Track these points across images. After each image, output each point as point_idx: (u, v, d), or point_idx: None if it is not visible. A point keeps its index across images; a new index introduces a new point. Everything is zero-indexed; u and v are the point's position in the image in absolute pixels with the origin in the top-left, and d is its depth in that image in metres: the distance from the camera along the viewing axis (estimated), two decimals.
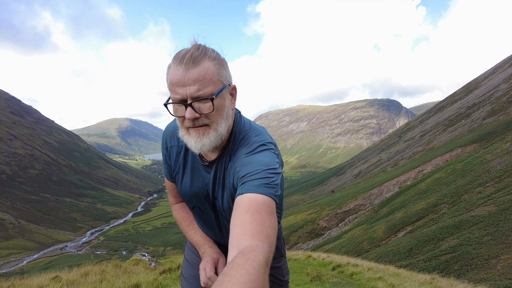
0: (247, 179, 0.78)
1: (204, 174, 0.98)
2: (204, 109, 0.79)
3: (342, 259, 7.45)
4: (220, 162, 0.94)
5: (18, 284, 2.88)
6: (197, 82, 0.76)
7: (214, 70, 0.79)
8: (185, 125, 0.83)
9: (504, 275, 6.98)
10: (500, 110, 29.15)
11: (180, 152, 1.02)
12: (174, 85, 0.78)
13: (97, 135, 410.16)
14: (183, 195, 1.05)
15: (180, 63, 0.77)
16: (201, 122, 0.81)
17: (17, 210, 73.55)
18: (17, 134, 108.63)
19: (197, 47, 0.80)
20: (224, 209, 0.96)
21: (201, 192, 1.00)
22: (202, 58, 0.78)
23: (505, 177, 13.84)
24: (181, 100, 0.78)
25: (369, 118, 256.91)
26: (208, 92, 0.77)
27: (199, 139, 0.82)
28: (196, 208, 1.05)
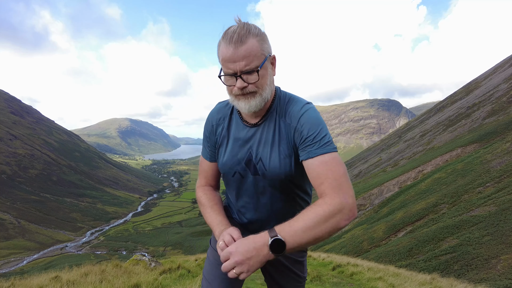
0: (314, 140, 0.96)
1: (248, 139, 1.09)
2: (251, 79, 0.95)
3: (342, 259, 7.45)
4: (267, 123, 1.07)
5: (18, 284, 2.88)
6: (245, 58, 0.92)
7: (258, 45, 0.94)
8: (234, 93, 0.99)
9: (504, 275, 6.98)
10: (500, 110, 29.15)
11: (224, 126, 1.15)
12: (225, 61, 0.94)
13: (97, 135, 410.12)
14: (225, 164, 1.12)
15: (230, 42, 0.92)
16: (248, 90, 0.97)
17: (17, 210, 73.56)
18: (17, 134, 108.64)
19: (242, 26, 0.94)
20: (269, 168, 1.04)
21: (242, 157, 1.09)
22: (247, 36, 0.92)
23: (505, 177, 13.84)
24: (232, 73, 0.94)
25: (369, 118, 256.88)
26: (254, 65, 0.93)
27: (247, 102, 0.98)
28: (236, 174, 1.11)
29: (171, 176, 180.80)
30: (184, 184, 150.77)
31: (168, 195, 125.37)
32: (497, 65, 54.04)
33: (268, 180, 1.06)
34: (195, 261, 5.14)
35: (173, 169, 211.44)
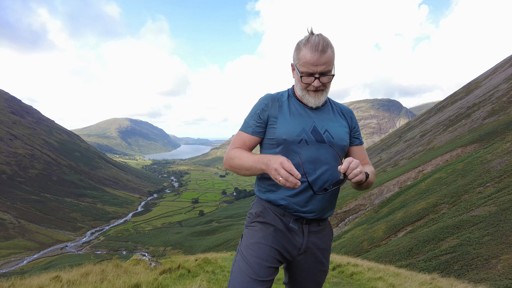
0: (359, 134, 1.44)
1: (311, 116, 1.31)
2: (325, 80, 1.23)
3: (342, 259, 7.45)
4: (326, 109, 1.37)
5: (19, 284, 2.88)
6: (325, 64, 1.18)
7: (332, 56, 1.20)
8: (308, 89, 1.26)
9: (504, 275, 6.98)
10: (500, 110, 29.14)
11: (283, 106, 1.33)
12: (309, 64, 1.18)
13: (97, 135, 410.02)
14: (292, 130, 1.27)
15: (316, 50, 1.16)
16: (319, 88, 1.25)
17: (18, 210, 73.55)
18: (17, 134, 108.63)
19: (323, 38, 1.19)
20: (336, 137, 1.31)
21: (308, 127, 1.28)
22: (328, 47, 1.17)
23: (505, 177, 13.83)
24: (311, 74, 1.21)
25: (369, 118, 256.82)
26: (329, 70, 1.21)
27: (317, 97, 1.27)
28: (303, 141, 1.26)
29: (171, 176, 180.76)
30: (184, 184, 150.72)
31: (168, 195, 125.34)
32: (497, 65, 54.00)
33: (334, 146, 1.28)
34: (195, 261, 5.14)
35: (173, 169, 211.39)
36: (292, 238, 1.28)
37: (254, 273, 1.17)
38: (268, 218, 1.28)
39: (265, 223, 1.28)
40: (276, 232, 1.27)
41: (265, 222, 1.28)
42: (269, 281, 1.20)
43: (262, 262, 1.19)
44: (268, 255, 1.21)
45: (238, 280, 1.18)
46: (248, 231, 1.31)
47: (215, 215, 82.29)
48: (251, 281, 1.15)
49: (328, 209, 1.32)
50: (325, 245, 1.36)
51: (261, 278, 1.17)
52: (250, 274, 1.17)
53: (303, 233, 1.29)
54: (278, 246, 1.26)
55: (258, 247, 1.22)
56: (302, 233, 1.29)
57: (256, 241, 1.24)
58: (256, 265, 1.18)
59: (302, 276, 1.36)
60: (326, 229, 1.38)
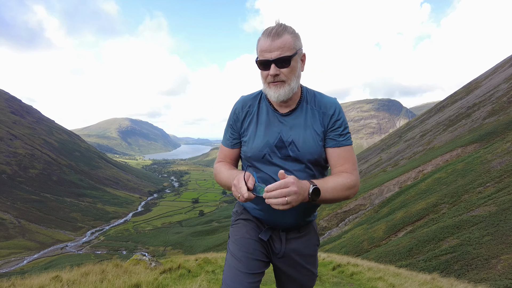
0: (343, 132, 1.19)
1: (279, 124, 1.20)
2: (282, 68, 1.10)
3: (342, 259, 7.45)
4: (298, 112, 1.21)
5: (19, 283, 2.88)
6: (279, 49, 1.07)
7: (291, 41, 1.10)
8: (267, 80, 1.14)
9: (505, 275, 6.98)
10: (500, 110, 29.12)
11: (252, 113, 1.26)
12: (263, 51, 1.10)
13: (97, 135, 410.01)
14: (255, 146, 1.21)
15: (268, 36, 1.09)
16: (279, 78, 1.12)
17: (18, 209, 73.56)
18: (18, 134, 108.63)
19: (280, 25, 1.11)
20: (303, 148, 1.17)
21: (272, 140, 1.19)
22: (283, 32, 1.09)
23: (505, 177, 13.83)
24: (267, 60, 1.10)
25: (370, 118, 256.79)
26: (286, 55, 1.08)
27: (277, 90, 1.13)
28: (266, 155, 1.20)
29: (171, 176, 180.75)
30: (184, 184, 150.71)
31: (168, 195, 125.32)
32: (498, 65, 53.99)
33: (298, 161, 1.17)
34: (195, 261, 5.14)
35: (173, 169, 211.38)
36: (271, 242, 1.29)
37: (243, 267, 1.18)
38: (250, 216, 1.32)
39: (248, 220, 1.31)
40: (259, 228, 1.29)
41: (248, 219, 1.31)
42: (259, 274, 1.21)
43: (249, 256, 1.21)
44: (254, 248, 1.23)
45: (228, 275, 1.20)
46: (233, 228, 1.34)
47: (215, 215, 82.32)
48: (241, 274, 1.17)
49: (306, 216, 1.27)
50: (309, 251, 1.31)
51: (250, 271, 1.18)
52: (239, 268, 1.18)
53: (281, 240, 1.28)
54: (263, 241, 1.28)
55: (243, 241, 1.24)
56: (280, 240, 1.28)
57: (241, 236, 1.27)
58: (244, 258, 1.20)
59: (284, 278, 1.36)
60: (310, 234, 1.33)
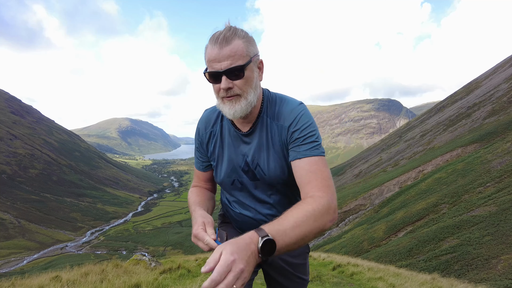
0: (305, 142, 0.96)
1: (243, 146, 1.08)
2: (236, 80, 0.93)
3: (342, 259, 7.44)
4: (259, 129, 1.05)
5: (19, 283, 2.88)
6: (230, 57, 0.90)
7: (243, 47, 0.92)
8: (220, 95, 0.97)
9: (505, 275, 6.97)
10: (500, 110, 29.12)
11: (215, 134, 1.13)
12: (211, 62, 0.92)
13: (97, 135, 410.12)
14: (223, 173, 1.12)
15: (215, 43, 0.91)
16: (233, 92, 0.94)
17: (18, 209, 73.56)
18: (18, 134, 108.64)
19: (229, 28, 0.94)
20: (268, 172, 1.04)
21: (239, 164, 1.08)
22: (233, 37, 0.91)
23: (505, 177, 13.83)
24: (216, 72, 0.92)
25: (370, 118, 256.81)
26: (238, 64, 0.91)
27: (232, 106, 0.96)
28: (235, 181, 1.11)
29: (171, 176, 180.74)
30: (184, 184, 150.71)
31: (168, 195, 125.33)
32: (498, 65, 53.99)
33: (268, 184, 1.07)
34: (195, 261, 5.14)
35: (173, 169, 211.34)
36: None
37: None
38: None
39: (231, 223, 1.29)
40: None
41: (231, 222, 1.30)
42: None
43: None
44: None
45: None
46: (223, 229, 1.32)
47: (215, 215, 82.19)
48: None
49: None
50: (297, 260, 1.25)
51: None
52: None
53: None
54: None
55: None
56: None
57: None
58: None
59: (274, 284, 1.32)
60: None
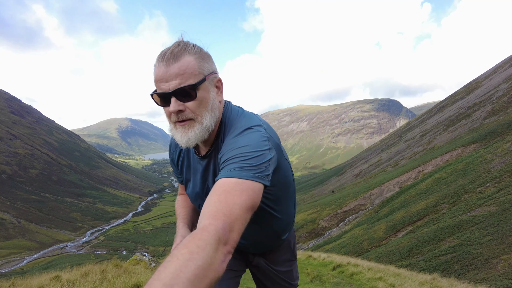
0: (225, 164, 0.77)
1: (202, 171, 0.98)
2: (187, 102, 0.81)
3: (342, 259, 7.44)
4: (213, 155, 0.95)
5: (19, 283, 2.88)
6: (178, 76, 0.78)
7: (195, 63, 0.80)
8: (172, 119, 0.85)
9: (505, 275, 6.97)
10: (500, 110, 29.12)
11: (183, 154, 1.06)
12: (158, 82, 0.80)
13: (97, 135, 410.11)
14: (190, 196, 1.08)
15: (161, 60, 0.80)
16: (185, 116, 0.82)
17: (18, 209, 73.57)
18: (17, 134, 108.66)
19: (178, 44, 0.82)
20: None
21: (202, 190, 1.01)
22: (182, 53, 0.80)
23: (505, 177, 13.83)
24: (164, 94, 0.80)
25: (370, 118, 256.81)
26: (188, 83, 0.79)
27: (184, 133, 0.83)
28: (200, 206, 1.06)
29: (171, 176, 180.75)
30: None
31: (168, 195, 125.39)
32: (498, 65, 53.99)
33: None
34: None
35: None
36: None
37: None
38: None
39: None
40: None
41: None
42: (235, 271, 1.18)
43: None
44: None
45: None
46: None
47: None
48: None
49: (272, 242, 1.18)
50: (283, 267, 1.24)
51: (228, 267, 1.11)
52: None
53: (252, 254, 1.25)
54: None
55: None
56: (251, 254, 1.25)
57: None
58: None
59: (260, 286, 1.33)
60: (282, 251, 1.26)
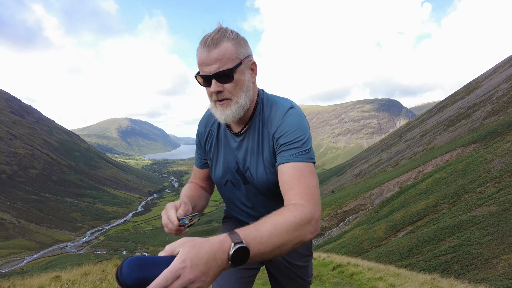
0: (286, 147, 0.93)
1: (235, 148, 1.08)
2: (225, 83, 0.93)
3: (342, 259, 7.44)
4: (251, 131, 1.05)
5: (19, 283, 2.88)
6: (218, 61, 0.89)
7: (232, 49, 0.91)
8: (213, 99, 0.97)
9: (505, 275, 6.97)
10: (500, 110, 29.12)
11: (213, 134, 1.15)
12: (200, 65, 0.92)
13: (97, 135, 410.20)
14: (217, 173, 1.13)
15: (203, 46, 0.91)
16: (223, 96, 0.94)
17: (18, 209, 73.59)
18: (17, 134, 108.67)
19: (218, 30, 0.93)
20: (257, 177, 1.04)
21: (232, 166, 1.09)
22: (221, 39, 0.90)
23: (505, 177, 13.83)
24: (206, 76, 0.92)
25: (370, 118, 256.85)
26: (226, 68, 0.90)
27: (223, 111, 0.95)
28: (228, 182, 1.12)
29: (171, 176, 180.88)
30: (184, 184, 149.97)
31: (168, 195, 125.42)
32: (498, 65, 54.00)
33: (258, 189, 1.06)
34: None
35: (173, 169, 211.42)
36: None
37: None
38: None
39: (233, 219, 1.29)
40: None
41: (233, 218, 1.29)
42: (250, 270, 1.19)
43: None
44: None
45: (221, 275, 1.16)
46: (223, 226, 1.33)
47: (215, 215, 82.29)
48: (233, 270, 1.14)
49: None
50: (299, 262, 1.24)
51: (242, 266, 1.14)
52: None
53: None
54: None
55: None
56: None
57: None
58: None
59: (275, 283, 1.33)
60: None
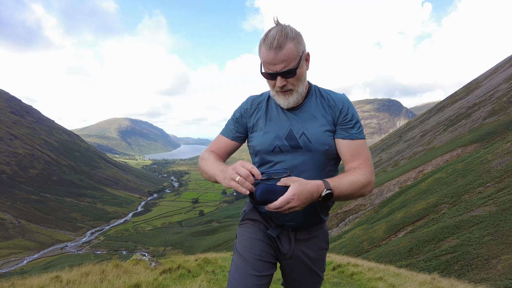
0: (355, 126, 1.18)
1: (288, 118, 1.20)
2: (289, 78, 1.10)
3: (342, 259, 7.45)
4: (307, 104, 1.21)
5: (19, 284, 2.88)
6: (284, 61, 1.04)
7: (294, 49, 1.05)
8: (275, 89, 1.14)
9: (505, 275, 6.97)
10: (500, 110, 29.12)
11: (261, 108, 1.27)
12: (267, 64, 1.07)
13: (97, 135, 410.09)
14: (265, 139, 1.21)
15: (270, 48, 1.04)
16: (286, 88, 1.12)
17: (18, 209, 73.57)
18: (17, 134, 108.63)
19: (280, 32, 1.04)
20: (313, 139, 1.16)
21: (283, 133, 1.18)
22: (285, 41, 1.03)
23: (505, 177, 13.83)
24: (272, 73, 1.08)
25: (370, 118, 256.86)
26: (291, 67, 1.06)
27: (286, 99, 1.15)
28: (276, 148, 1.19)
29: (171, 176, 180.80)
30: (184, 184, 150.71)
31: (168, 195, 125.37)
32: (498, 65, 54.00)
33: (311, 153, 1.15)
34: (195, 261, 5.14)
35: (173, 169, 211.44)
36: (279, 243, 1.26)
37: (251, 268, 1.14)
38: (258, 216, 1.28)
39: (256, 220, 1.27)
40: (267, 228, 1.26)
41: (256, 219, 1.27)
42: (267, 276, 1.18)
43: (257, 257, 1.17)
44: (261, 249, 1.19)
45: (235, 277, 1.15)
46: (241, 228, 1.30)
47: (215, 215, 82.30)
48: (248, 276, 1.13)
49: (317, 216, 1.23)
50: (316, 255, 1.29)
51: (258, 272, 1.14)
52: (247, 270, 1.14)
53: (289, 241, 1.26)
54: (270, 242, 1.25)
55: (251, 242, 1.21)
56: (289, 240, 1.26)
57: (249, 237, 1.22)
58: (252, 260, 1.16)
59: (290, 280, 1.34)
60: (319, 237, 1.30)
